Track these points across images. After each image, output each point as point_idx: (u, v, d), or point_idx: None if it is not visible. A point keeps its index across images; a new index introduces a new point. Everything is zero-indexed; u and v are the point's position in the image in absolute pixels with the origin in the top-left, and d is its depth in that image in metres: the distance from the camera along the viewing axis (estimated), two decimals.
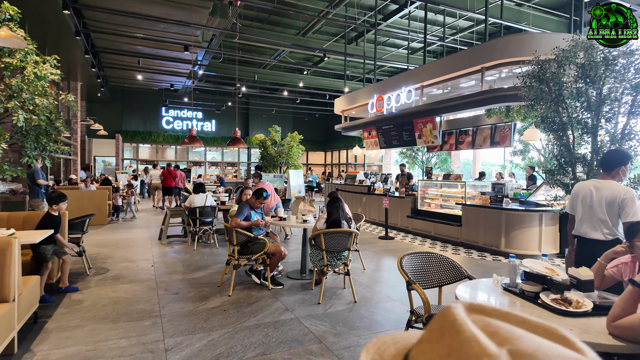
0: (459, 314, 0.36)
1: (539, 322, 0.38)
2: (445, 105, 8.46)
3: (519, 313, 0.39)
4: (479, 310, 0.39)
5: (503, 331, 0.36)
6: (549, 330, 0.37)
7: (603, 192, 2.96)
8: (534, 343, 0.34)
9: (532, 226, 6.60)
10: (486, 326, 0.36)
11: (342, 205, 4.34)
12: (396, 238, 8.50)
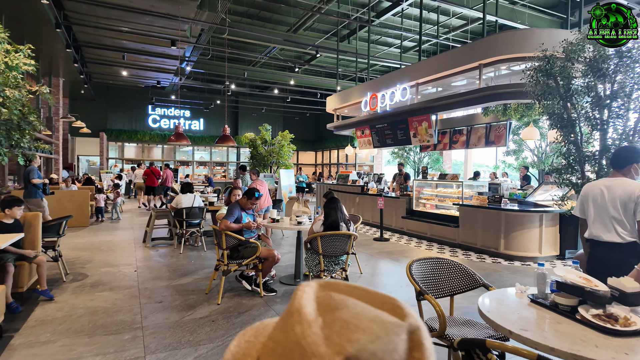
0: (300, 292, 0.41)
1: (378, 293, 0.44)
2: (442, 103, 8.24)
3: (362, 286, 0.45)
4: (330, 287, 0.44)
5: (335, 302, 0.40)
6: (384, 300, 0.43)
7: (615, 190, 2.75)
8: (356, 310, 0.39)
9: (532, 227, 6.41)
10: (326, 299, 0.41)
11: (340, 206, 4.05)
12: (391, 239, 8.25)
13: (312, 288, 0.42)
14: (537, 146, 12.61)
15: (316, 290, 0.42)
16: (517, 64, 7.60)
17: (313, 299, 0.40)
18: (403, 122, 9.43)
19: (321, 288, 0.43)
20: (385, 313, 0.39)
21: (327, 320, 0.37)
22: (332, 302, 0.40)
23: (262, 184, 7.44)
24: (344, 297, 0.41)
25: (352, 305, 0.39)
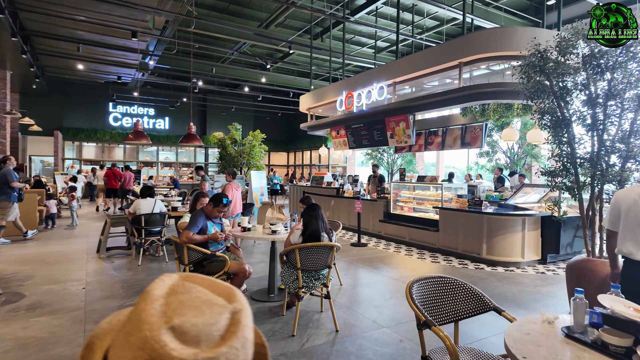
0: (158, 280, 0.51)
1: (222, 284, 0.53)
2: (421, 102, 7.97)
3: (212, 278, 0.55)
4: (186, 277, 0.53)
5: (182, 288, 0.50)
6: (225, 289, 0.52)
7: None
8: (196, 294, 0.49)
9: (515, 231, 6.21)
10: (177, 286, 0.50)
11: (321, 213, 3.59)
12: (369, 244, 7.88)
13: (170, 278, 0.52)
14: (510, 148, 12.73)
15: (174, 279, 0.52)
16: (497, 63, 7.43)
17: (167, 286, 0.50)
18: (380, 122, 9.11)
19: (179, 278, 0.52)
20: (220, 298, 0.50)
21: (168, 301, 0.47)
22: (180, 288, 0.50)
23: (237, 188, 6.87)
24: (192, 285, 0.51)
25: (194, 291, 0.50)
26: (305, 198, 4.58)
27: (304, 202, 4.56)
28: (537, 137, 7.60)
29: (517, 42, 6.48)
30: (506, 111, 7.38)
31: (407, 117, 8.40)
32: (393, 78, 8.51)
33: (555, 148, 4.19)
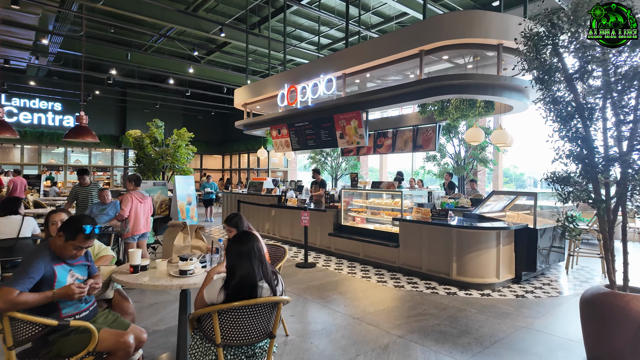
0: None
1: None
2: (375, 97, 6.89)
3: None
4: None
5: None
6: None
7: None
8: None
9: (489, 247, 5.30)
10: None
11: (259, 247, 2.18)
12: (318, 264, 6.59)
13: None
14: (457, 152, 12.31)
15: None
16: (462, 55, 6.58)
17: None
18: (328, 119, 7.90)
19: None
20: None
21: None
22: None
23: (142, 199, 5.17)
24: None
25: None
26: (233, 217, 3.15)
27: (231, 223, 3.13)
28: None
29: (486, 29, 5.64)
30: (469, 108, 6.58)
31: (359, 114, 7.28)
32: (343, 69, 7.34)
33: (562, 146, 3.22)
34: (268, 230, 9.03)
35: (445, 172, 11.26)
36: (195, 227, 3.36)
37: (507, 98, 6.15)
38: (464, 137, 6.99)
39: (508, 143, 6.64)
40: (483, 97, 6.22)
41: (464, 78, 5.74)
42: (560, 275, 6.02)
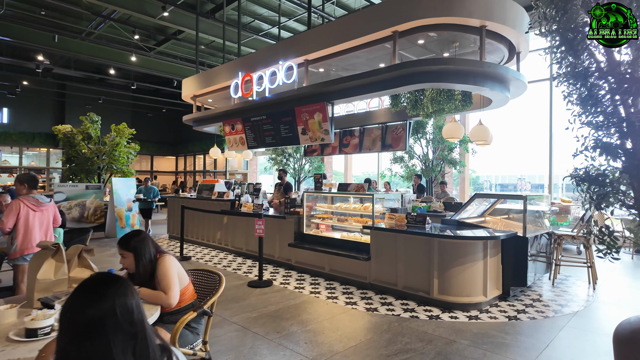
0: None
1: None
2: (342, 86, 5.99)
3: None
4: None
5: None
6: None
7: None
8: None
9: (476, 260, 4.52)
10: None
11: (127, 307, 1.11)
12: (275, 281, 5.55)
13: None
14: (425, 153, 11.71)
15: None
16: (438, 39, 5.82)
17: None
18: (288, 113, 6.91)
19: None
20: None
21: None
22: None
23: (39, 208, 3.91)
24: None
25: None
26: (131, 238, 2.12)
27: (127, 246, 2.11)
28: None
29: (469, 8, 4.90)
30: (446, 101, 5.84)
31: (323, 106, 6.35)
32: (305, 54, 6.39)
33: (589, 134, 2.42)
34: (219, 240, 7.87)
35: (414, 174, 10.60)
36: (79, 249, 2.24)
37: (489, 89, 5.45)
38: (442, 133, 6.23)
39: (488, 140, 5.97)
40: (463, 87, 5.48)
41: (443, 63, 4.96)
42: (547, 288, 5.38)
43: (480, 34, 5.10)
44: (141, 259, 2.41)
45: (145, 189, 9.18)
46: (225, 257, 7.20)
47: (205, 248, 8.11)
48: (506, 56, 6.03)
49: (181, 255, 7.09)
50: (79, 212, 9.29)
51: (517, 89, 6.01)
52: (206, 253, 7.60)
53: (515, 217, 6.02)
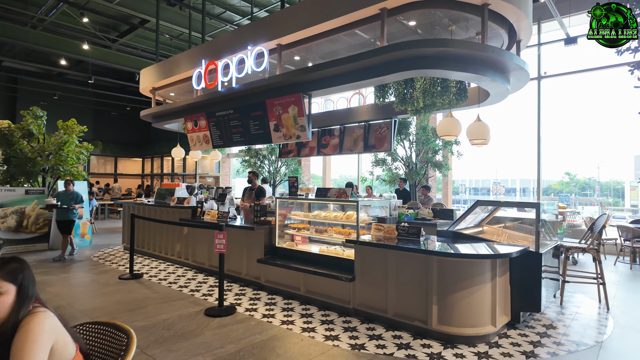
0: None
1: None
2: (321, 74, 5.12)
3: None
4: None
5: None
6: None
7: None
8: None
9: (483, 282, 3.71)
10: None
11: None
12: (240, 307, 4.59)
13: None
14: (408, 156, 11.00)
15: None
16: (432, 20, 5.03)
17: None
18: (259, 106, 5.98)
19: None
20: None
21: None
22: None
23: None
24: None
25: None
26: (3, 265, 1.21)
27: None
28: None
29: None
30: (441, 94, 5.06)
31: (299, 98, 5.46)
32: (278, 37, 5.49)
33: None
34: (179, 254, 6.83)
35: (399, 178, 9.86)
36: None
37: (490, 80, 4.70)
38: (437, 130, 5.44)
39: (487, 139, 5.23)
40: (461, 76, 4.71)
41: (442, 45, 4.16)
42: (556, 309, 4.65)
43: (482, 13, 4.35)
44: (24, 304, 1.49)
45: (64, 194, 7.33)
46: (184, 274, 6.17)
47: (163, 262, 7.04)
48: (505, 43, 5.32)
49: (131, 273, 6.02)
50: (16, 221, 8.01)
51: (518, 81, 5.30)
52: (162, 269, 6.54)
53: (517, 226, 5.31)
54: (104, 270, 6.51)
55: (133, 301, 4.81)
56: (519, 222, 5.49)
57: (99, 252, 8.14)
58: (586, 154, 12.28)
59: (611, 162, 12.85)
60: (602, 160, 13.47)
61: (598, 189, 13.92)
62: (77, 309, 4.49)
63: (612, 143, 12.34)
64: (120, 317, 4.21)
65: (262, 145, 13.69)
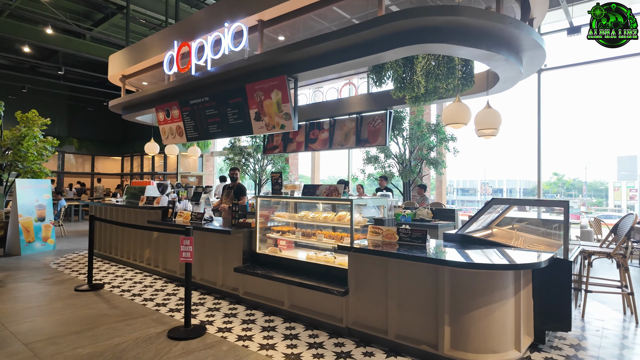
0: None
1: None
2: (309, 52, 4.41)
3: None
4: None
5: None
6: None
7: None
8: None
9: (505, 297, 3.05)
10: None
11: None
12: (212, 327, 3.85)
13: None
14: (402, 152, 10.36)
15: None
16: None
17: None
18: (238, 92, 5.24)
19: None
20: None
21: None
22: None
23: None
24: None
25: None
26: None
27: None
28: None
29: None
30: (446, 77, 4.40)
31: (283, 81, 4.74)
32: (259, 12, 4.76)
33: None
34: (148, 260, 6.04)
35: (380, 176, 9.28)
36: None
37: (504, 59, 4.06)
38: (442, 118, 4.76)
39: (498, 129, 4.59)
40: (472, 53, 4.04)
41: (451, 13, 3.48)
42: (579, 325, 4.02)
43: None
44: None
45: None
46: (152, 284, 5.39)
47: (131, 270, 6.24)
48: None
49: (89, 283, 5.21)
50: None
51: (531, 63, 4.67)
52: (128, 278, 5.74)
53: (528, 228, 4.68)
54: (60, 279, 5.68)
55: (84, 319, 4.03)
56: (526, 222, 4.89)
57: (61, 257, 7.28)
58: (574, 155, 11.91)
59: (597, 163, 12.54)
60: (589, 161, 13.24)
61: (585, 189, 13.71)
62: (11, 331, 3.69)
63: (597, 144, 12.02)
64: (62, 342, 3.43)
65: (247, 142, 12.94)
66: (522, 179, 15.77)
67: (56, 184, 15.36)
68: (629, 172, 12.56)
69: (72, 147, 16.50)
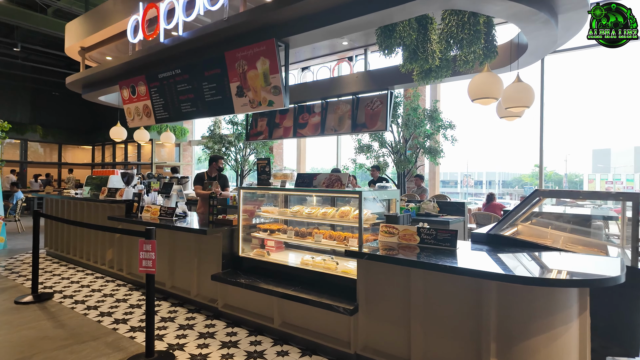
0: None
1: None
2: (302, 9, 3.54)
3: None
4: None
5: None
6: None
7: None
8: None
9: (567, 320, 2.32)
10: None
11: None
12: (183, 353, 3.01)
13: None
14: (397, 141, 9.64)
15: None
16: None
17: None
18: (215, 62, 4.34)
19: None
20: None
21: None
22: None
23: None
24: None
25: None
26: None
27: None
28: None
29: None
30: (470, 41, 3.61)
31: (272, 46, 3.87)
32: None
33: None
34: (110, 262, 5.12)
35: (372, 167, 8.59)
36: None
37: (545, 20, 3.31)
38: (468, 92, 3.97)
39: (529, 107, 3.86)
40: (508, 9, 3.26)
41: None
42: None
43: None
44: None
45: None
46: (113, 293, 4.49)
47: (91, 274, 5.31)
48: None
49: (34, 293, 4.28)
50: None
51: (568, 28, 3.92)
52: (86, 285, 4.82)
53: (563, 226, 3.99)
54: (1, 287, 4.72)
55: (16, 345, 3.13)
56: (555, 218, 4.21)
57: (11, 259, 6.27)
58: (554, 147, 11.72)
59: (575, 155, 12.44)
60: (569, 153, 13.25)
61: (565, 181, 13.75)
62: None
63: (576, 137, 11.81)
64: None
65: (228, 130, 11.98)
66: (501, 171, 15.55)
67: (17, 174, 14.05)
68: (604, 164, 12.66)
69: (37, 134, 15.14)
